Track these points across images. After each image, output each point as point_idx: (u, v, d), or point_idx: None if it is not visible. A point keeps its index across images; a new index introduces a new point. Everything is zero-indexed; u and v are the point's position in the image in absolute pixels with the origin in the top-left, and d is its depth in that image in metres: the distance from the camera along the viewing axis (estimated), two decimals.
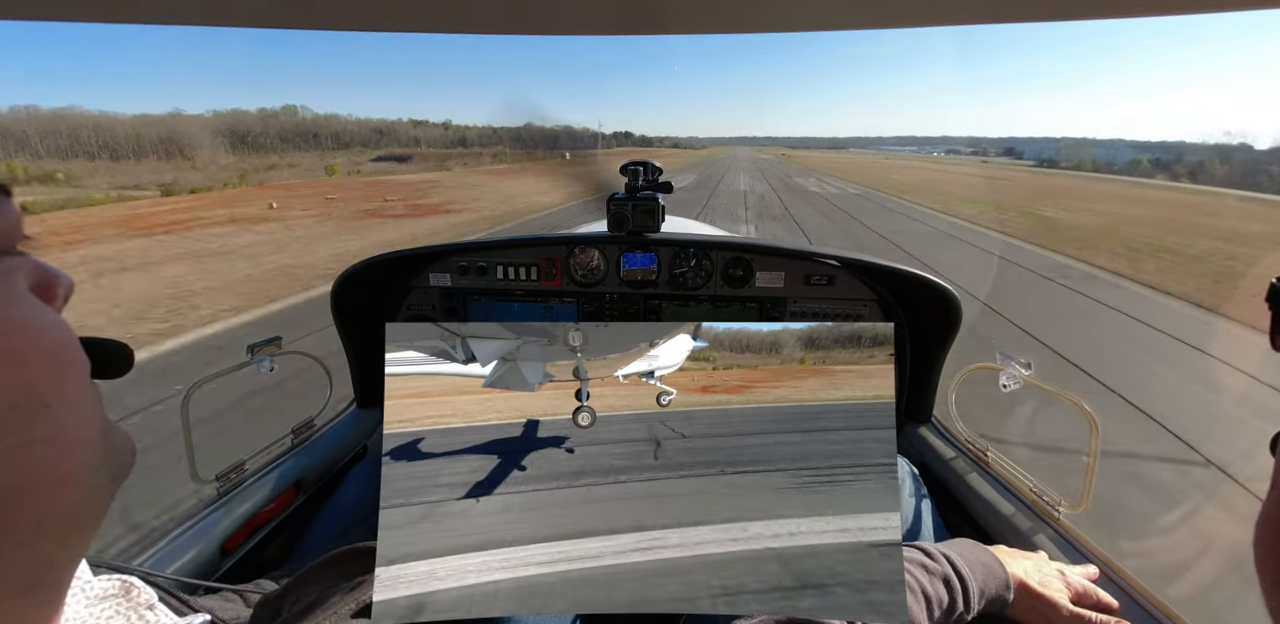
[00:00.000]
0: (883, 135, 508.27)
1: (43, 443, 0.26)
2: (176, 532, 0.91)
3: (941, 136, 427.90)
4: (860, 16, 0.43)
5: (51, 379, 0.26)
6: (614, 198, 1.37)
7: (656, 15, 0.44)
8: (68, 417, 0.27)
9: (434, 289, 1.50)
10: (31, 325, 0.26)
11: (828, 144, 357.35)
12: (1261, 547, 0.27)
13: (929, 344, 1.29)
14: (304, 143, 72.21)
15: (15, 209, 0.27)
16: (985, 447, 1.15)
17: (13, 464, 0.24)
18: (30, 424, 0.25)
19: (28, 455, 0.25)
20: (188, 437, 0.98)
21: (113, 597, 0.41)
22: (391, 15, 0.43)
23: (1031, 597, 0.71)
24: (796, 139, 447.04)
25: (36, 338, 0.26)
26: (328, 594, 0.56)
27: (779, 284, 1.43)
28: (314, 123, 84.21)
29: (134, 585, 0.43)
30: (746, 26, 0.48)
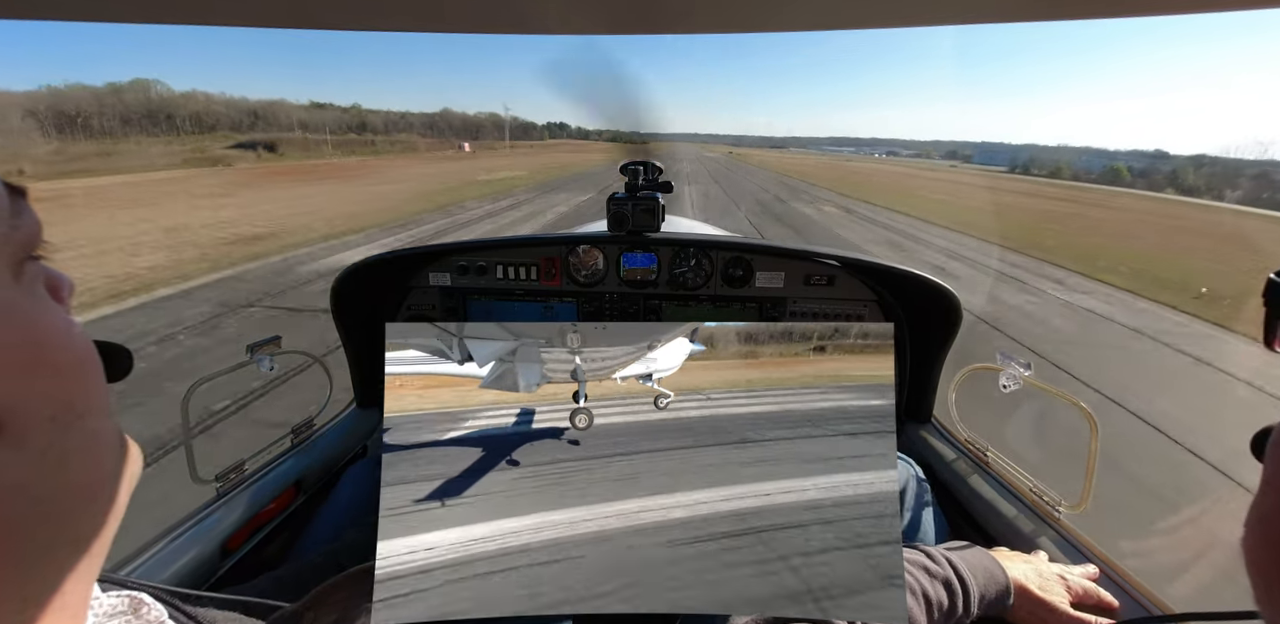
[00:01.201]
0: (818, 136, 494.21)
1: (77, 453, 0.25)
2: (177, 532, 0.91)
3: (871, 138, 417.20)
4: (859, 16, 0.43)
5: (82, 388, 0.26)
6: (614, 197, 1.37)
7: (653, 15, 0.44)
8: (96, 426, 0.26)
9: (434, 289, 1.50)
10: (62, 335, 0.25)
11: (768, 143, 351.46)
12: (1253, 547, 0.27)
13: (929, 344, 1.29)
14: (153, 126, 63.82)
15: (35, 213, 0.26)
16: (985, 446, 1.14)
17: (52, 476, 0.24)
18: (67, 435, 0.25)
19: (64, 467, 0.25)
20: (187, 437, 0.98)
21: (121, 614, 0.40)
22: (382, 14, 0.43)
23: (1032, 602, 0.71)
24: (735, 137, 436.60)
25: (68, 347, 0.25)
26: (351, 615, 0.55)
27: (779, 284, 1.43)
28: (168, 102, 72.76)
29: (143, 602, 0.42)
30: (745, 26, 0.48)
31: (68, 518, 0.25)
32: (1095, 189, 51.71)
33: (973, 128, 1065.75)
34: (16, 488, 0.23)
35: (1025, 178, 71.22)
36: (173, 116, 68.71)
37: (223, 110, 79.49)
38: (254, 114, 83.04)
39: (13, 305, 0.23)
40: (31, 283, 0.25)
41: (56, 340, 0.25)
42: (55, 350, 0.25)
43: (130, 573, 0.81)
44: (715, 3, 0.43)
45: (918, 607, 0.64)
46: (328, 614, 0.55)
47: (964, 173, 70.36)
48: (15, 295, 0.24)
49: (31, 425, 0.23)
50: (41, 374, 0.24)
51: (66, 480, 0.25)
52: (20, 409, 0.23)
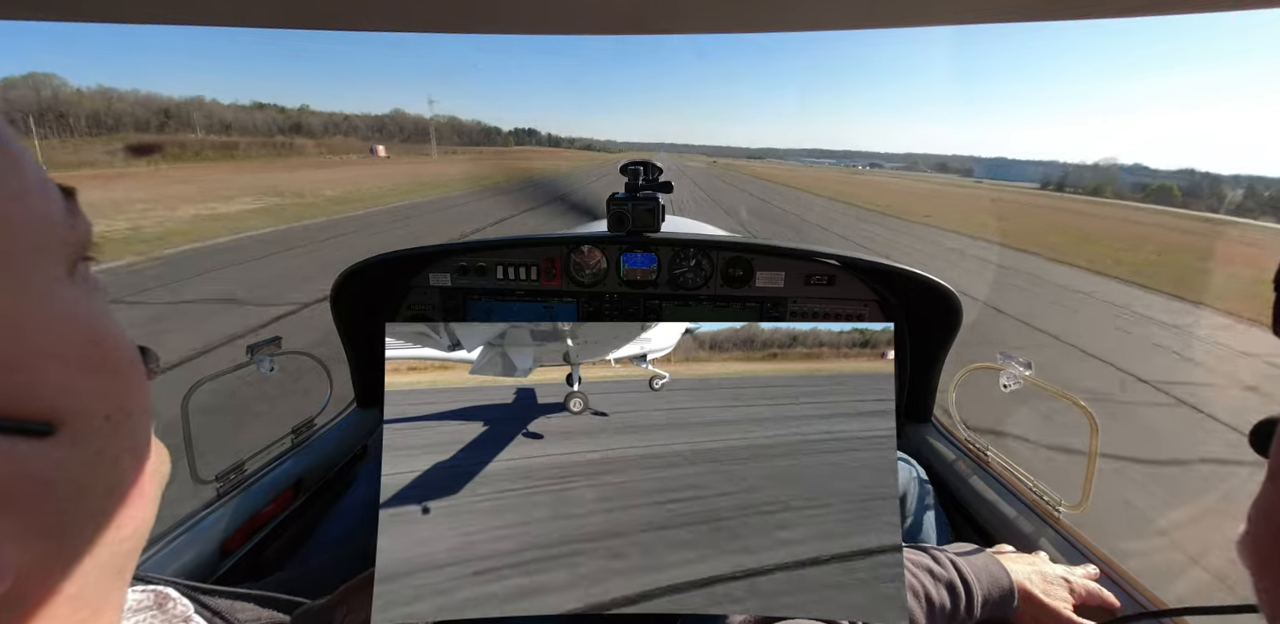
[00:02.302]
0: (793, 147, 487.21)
1: (128, 452, 0.26)
2: (176, 532, 0.91)
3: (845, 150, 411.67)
4: (859, 16, 0.43)
5: (130, 387, 0.26)
6: (614, 197, 1.37)
7: (654, 15, 0.44)
8: (141, 425, 0.27)
9: (434, 289, 1.50)
10: (115, 334, 0.26)
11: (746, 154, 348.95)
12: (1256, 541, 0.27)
13: (929, 344, 1.29)
14: (42, 126, 57.14)
15: (86, 215, 0.26)
16: (985, 446, 1.15)
17: (106, 475, 0.24)
18: (119, 434, 0.25)
19: (117, 466, 0.25)
20: (187, 437, 0.98)
21: (147, 609, 0.40)
22: (390, 15, 0.43)
23: (1035, 606, 0.71)
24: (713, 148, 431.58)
25: (119, 346, 0.26)
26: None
27: (779, 284, 1.43)
28: (62, 100, 67.87)
29: (169, 597, 0.42)
30: (745, 26, 0.48)
31: (116, 517, 0.25)
32: (1211, 217, 36.00)
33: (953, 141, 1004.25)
34: (73, 485, 0.23)
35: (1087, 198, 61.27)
36: (65, 116, 64.43)
37: (130, 110, 75.24)
38: (165, 113, 79.00)
39: (74, 305, 0.24)
40: (85, 283, 0.25)
41: (112, 340, 0.25)
42: (111, 350, 0.25)
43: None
44: (716, 2, 0.43)
45: (920, 608, 0.64)
46: (356, 612, 0.55)
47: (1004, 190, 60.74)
48: (74, 295, 0.24)
49: (90, 424, 0.23)
50: (99, 373, 0.24)
51: (118, 479, 0.25)
52: (80, 408, 0.23)
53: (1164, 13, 0.41)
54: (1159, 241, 17.53)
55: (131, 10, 0.45)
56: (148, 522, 0.28)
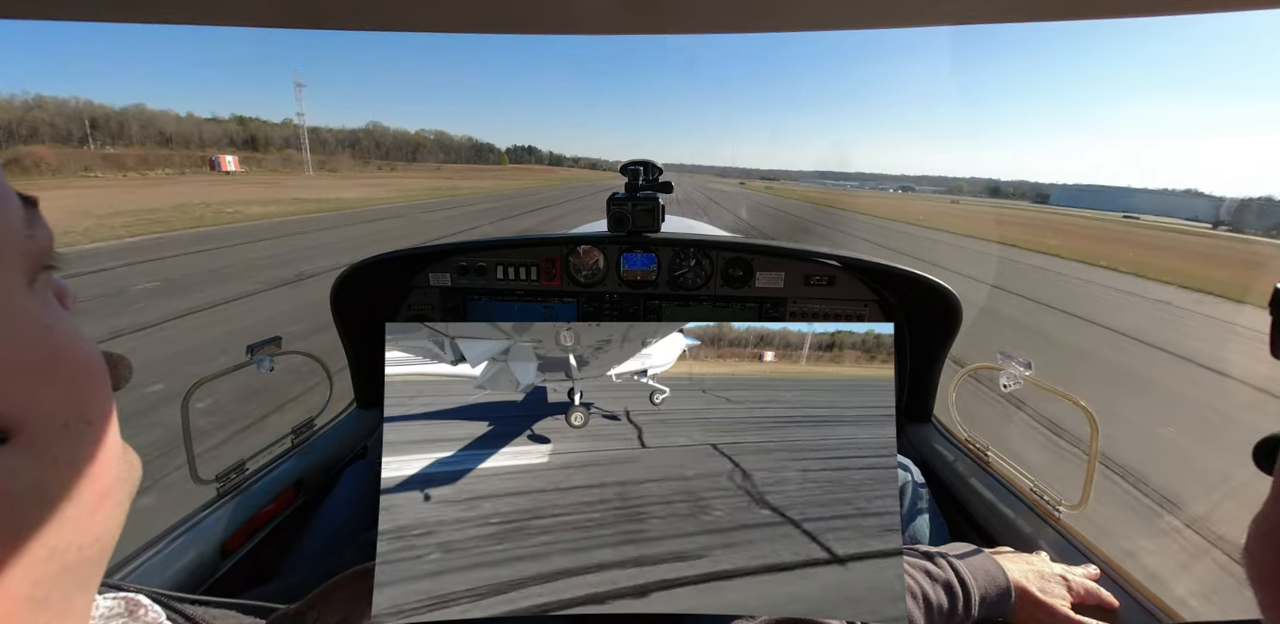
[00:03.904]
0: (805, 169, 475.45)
1: (88, 459, 0.26)
2: (177, 532, 0.91)
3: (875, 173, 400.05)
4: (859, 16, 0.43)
5: (90, 396, 0.26)
6: (614, 197, 1.37)
7: (653, 15, 0.44)
8: (104, 433, 0.27)
9: (434, 289, 1.50)
10: (75, 344, 0.26)
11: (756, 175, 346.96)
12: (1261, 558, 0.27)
13: (929, 344, 1.29)
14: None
15: (48, 224, 0.26)
16: (985, 446, 1.14)
17: (65, 482, 0.25)
18: (79, 442, 0.25)
19: (78, 473, 0.25)
20: (187, 437, 0.98)
21: (118, 615, 0.40)
22: (390, 15, 0.43)
23: (1032, 605, 0.71)
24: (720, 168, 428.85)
25: (79, 355, 0.26)
26: (355, 614, 0.55)
27: (779, 284, 1.43)
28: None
29: (140, 604, 0.42)
30: (745, 26, 0.48)
31: (77, 523, 0.25)
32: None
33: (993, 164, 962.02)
34: (31, 492, 0.23)
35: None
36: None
37: (58, 121, 73.09)
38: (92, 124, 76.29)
39: (29, 314, 0.24)
40: (45, 292, 0.26)
41: (69, 349, 0.25)
42: (68, 359, 0.25)
43: (129, 574, 0.81)
44: (715, 2, 0.43)
45: (918, 609, 0.64)
46: (330, 614, 0.55)
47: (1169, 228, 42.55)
48: (32, 304, 0.24)
49: (46, 432, 0.24)
50: (56, 382, 0.24)
51: (79, 486, 0.25)
52: (35, 416, 0.23)
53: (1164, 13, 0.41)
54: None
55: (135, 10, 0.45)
56: (114, 528, 0.28)
